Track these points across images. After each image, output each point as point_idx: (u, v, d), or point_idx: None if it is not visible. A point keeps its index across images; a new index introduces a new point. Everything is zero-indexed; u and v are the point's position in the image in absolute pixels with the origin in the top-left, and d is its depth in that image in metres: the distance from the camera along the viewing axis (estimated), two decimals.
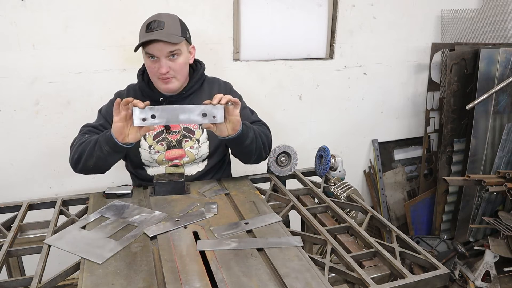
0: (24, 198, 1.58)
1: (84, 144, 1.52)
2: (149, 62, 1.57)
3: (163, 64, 1.54)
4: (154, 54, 1.53)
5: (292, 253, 1.17)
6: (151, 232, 1.27)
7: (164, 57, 1.53)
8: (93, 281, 1.05)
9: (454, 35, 2.95)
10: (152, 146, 1.66)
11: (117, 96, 1.73)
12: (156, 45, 1.51)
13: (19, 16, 2.04)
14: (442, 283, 1.13)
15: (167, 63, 1.54)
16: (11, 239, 1.28)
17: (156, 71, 1.56)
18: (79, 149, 1.53)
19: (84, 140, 1.55)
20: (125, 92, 1.73)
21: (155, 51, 1.52)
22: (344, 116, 2.91)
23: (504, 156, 2.88)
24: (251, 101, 1.82)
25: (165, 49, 1.52)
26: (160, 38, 1.49)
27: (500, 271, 2.68)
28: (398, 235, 1.30)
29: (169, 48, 1.52)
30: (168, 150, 1.66)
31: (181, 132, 1.66)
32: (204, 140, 1.67)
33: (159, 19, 1.53)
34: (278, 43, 2.61)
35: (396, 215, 3.16)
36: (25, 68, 2.13)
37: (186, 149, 1.66)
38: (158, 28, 1.51)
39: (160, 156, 1.66)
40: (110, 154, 1.47)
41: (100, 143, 1.46)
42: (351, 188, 1.60)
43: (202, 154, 1.68)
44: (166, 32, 1.51)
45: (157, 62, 1.55)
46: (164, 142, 1.66)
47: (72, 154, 1.57)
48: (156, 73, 1.57)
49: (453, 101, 2.83)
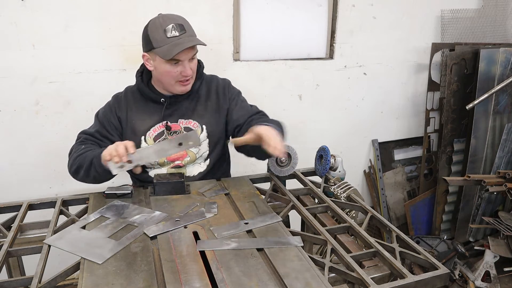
0: (24, 198, 1.58)
1: (81, 159, 1.52)
2: (169, 67, 1.53)
3: (187, 67, 1.53)
4: (181, 58, 1.51)
5: (292, 253, 1.17)
6: (151, 232, 1.27)
7: (187, 60, 1.53)
8: (93, 281, 1.05)
9: (454, 35, 2.95)
10: None
11: (114, 99, 1.71)
12: (185, 49, 1.49)
13: (19, 16, 2.04)
14: (442, 283, 1.13)
15: (189, 65, 1.54)
16: (11, 239, 1.28)
17: (178, 75, 1.54)
18: (76, 163, 1.53)
19: (81, 153, 1.54)
20: (122, 95, 1.71)
21: (183, 56, 1.50)
22: (344, 116, 2.91)
23: (504, 156, 2.88)
24: (251, 101, 1.82)
25: (191, 53, 1.52)
26: (195, 43, 1.49)
27: (500, 271, 2.68)
28: (398, 235, 1.30)
29: (194, 51, 1.53)
30: None
31: (182, 132, 1.66)
32: (203, 138, 1.67)
33: (176, 22, 1.50)
34: (278, 43, 2.61)
35: (396, 215, 3.16)
36: (25, 68, 2.13)
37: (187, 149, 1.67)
38: (182, 32, 1.49)
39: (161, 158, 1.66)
40: (105, 174, 1.48)
41: (95, 165, 1.47)
42: (351, 188, 1.61)
43: (203, 152, 1.68)
44: (190, 35, 1.51)
45: (179, 66, 1.53)
46: None
47: (70, 165, 1.57)
48: (177, 77, 1.55)
49: (453, 101, 2.83)
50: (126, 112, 1.66)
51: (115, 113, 1.66)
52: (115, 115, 1.66)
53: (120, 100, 1.69)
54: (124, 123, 1.66)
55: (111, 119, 1.66)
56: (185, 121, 1.67)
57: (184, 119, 1.67)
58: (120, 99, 1.69)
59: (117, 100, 1.70)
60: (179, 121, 1.66)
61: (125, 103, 1.67)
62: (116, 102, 1.69)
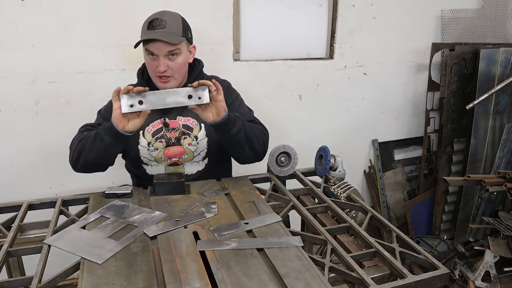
0: (24, 198, 1.58)
1: (84, 140, 1.54)
2: (148, 59, 1.59)
3: (161, 62, 1.55)
4: (154, 52, 1.54)
5: (292, 253, 1.17)
6: (151, 232, 1.27)
7: (163, 56, 1.54)
8: (93, 281, 1.05)
9: (454, 35, 2.95)
10: (151, 143, 1.66)
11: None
12: (156, 43, 1.52)
13: (19, 16, 2.04)
14: (442, 283, 1.13)
15: (166, 62, 1.55)
16: (11, 239, 1.28)
17: (155, 69, 1.57)
18: (79, 146, 1.54)
19: (83, 136, 1.56)
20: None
21: (155, 50, 1.53)
22: (344, 116, 2.91)
23: (504, 156, 2.88)
24: (251, 101, 1.82)
25: (165, 49, 1.53)
26: (160, 38, 1.50)
27: (500, 271, 2.68)
28: (398, 235, 1.30)
29: (169, 48, 1.53)
30: (167, 147, 1.66)
31: (180, 129, 1.66)
32: (202, 137, 1.67)
33: (161, 17, 1.54)
34: (278, 43, 2.61)
35: (396, 215, 3.16)
36: (25, 68, 2.13)
37: (185, 146, 1.66)
38: (160, 27, 1.52)
39: (159, 154, 1.66)
40: (112, 144, 1.48)
41: (101, 134, 1.47)
42: (351, 188, 1.60)
43: (201, 151, 1.68)
44: (167, 32, 1.52)
45: (156, 60, 1.56)
46: (163, 140, 1.66)
47: (72, 152, 1.57)
48: (155, 71, 1.58)
49: (453, 101, 2.83)
50: None
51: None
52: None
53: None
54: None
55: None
56: (184, 118, 1.67)
57: (183, 116, 1.67)
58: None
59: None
60: (177, 118, 1.67)
61: None
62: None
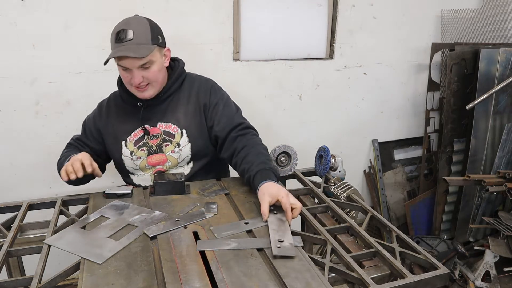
0: (24, 198, 1.58)
1: (60, 162, 1.64)
2: (122, 72, 1.54)
3: (135, 75, 1.51)
4: (126, 66, 1.50)
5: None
6: (151, 232, 1.27)
7: (136, 68, 1.50)
8: (93, 281, 1.05)
9: (454, 35, 2.95)
10: (133, 153, 1.64)
11: (97, 108, 1.75)
12: (127, 59, 1.47)
13: (19, 16, 2.04)
14: (442, 283, 1.13)
15: (140, 73, 1.51)
16: (11, 239, 1.28)
17: (130, 81, 1.54)
18: (57, 165, 1.65)
19: (62, 155, 1.66)
20: (105, 102, 1.74)
21: (127, 64, 1.49)
22: (344, 116, 2.91)
23: (504, 156, 2.88)
24: (251, 101, 1.82)
25: (136, 63, 1.48)
26: (129, 54, 1.45)
27: (500, 271, 2.68)
28: (398, 235, 1.30)
29: (140, 62, 1.48)
30: (149, 155, 1.64)
31: (161, 136, 1.63)
32: (185, 143, 1.63)
33: (127, 27, 1.48)
34: (278, 43, 2.61)
35: (396, 215, 3.16)
36: (25, 68, 2.13)
37: (167, 153, 1.63)
38: (127, 39, 1.46)
39: (142, 162, 1.65)
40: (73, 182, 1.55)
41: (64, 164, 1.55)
42: (351, 188, 1.60)
43: (185, 157, 1.65)
44: (136, 43, 1.47)
45: (130, 73, 1.52)
46: (145, 148, 1.64)
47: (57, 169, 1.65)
48: (130, 83, 1.55)
49: (453, 101, 2.83)
50: (107, 119, 1.69)
51: (94, 124, 1.71)
52: (94, 125, 1.71)
53: (101, 109, 1.73)
54: (105, 131, 1.69)
55: (91, 129, 1.71)
56: (165, 125, 1.64)
57: (164, 122, 1.64)
58: (102, 108, 1.73)
59: (99, 109, 1.74)
60: (158, 125, 1.64)
61: (106, 111, 1.70)
62: (98, 112, 1.73)
